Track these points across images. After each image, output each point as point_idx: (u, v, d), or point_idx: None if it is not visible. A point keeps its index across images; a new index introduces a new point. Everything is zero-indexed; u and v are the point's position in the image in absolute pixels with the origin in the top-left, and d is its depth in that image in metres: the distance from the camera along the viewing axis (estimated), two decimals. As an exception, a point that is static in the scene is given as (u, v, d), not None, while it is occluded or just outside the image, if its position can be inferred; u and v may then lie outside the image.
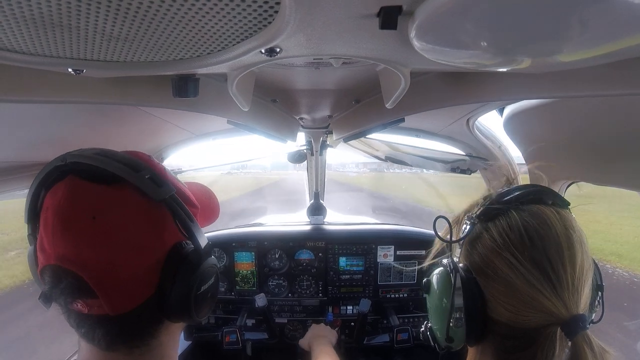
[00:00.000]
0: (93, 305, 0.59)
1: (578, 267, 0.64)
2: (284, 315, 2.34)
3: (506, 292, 0.67)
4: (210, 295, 0.71)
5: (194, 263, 0.66)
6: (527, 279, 0.64)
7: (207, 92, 1.12)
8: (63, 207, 0.59)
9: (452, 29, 0.52)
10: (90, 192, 0.61)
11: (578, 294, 0.63)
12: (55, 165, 0.63)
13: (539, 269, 0.64)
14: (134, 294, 0.61)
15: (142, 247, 0.62)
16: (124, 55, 0.68)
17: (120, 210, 0.61)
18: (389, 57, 0.75)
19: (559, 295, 0.63)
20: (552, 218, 0.68)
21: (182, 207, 0.66)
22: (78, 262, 0.57)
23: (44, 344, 4.67)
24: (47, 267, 0.60)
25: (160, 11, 0.49)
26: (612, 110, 1.01)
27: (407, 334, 2.13)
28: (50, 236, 0.59)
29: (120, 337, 0.63)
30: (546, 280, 0.63)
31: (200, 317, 0.70)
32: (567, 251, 0.65)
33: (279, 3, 0.48)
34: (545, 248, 0.65)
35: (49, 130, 1.18)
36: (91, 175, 0.61)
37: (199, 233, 0.68)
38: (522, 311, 0.65)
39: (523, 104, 1.27)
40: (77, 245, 0.58)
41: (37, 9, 0.47)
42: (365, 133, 1.65)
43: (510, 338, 0.69)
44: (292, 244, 2.33)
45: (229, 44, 0.64)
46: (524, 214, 0.69)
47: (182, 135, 2.00)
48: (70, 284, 0.58)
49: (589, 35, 0.49)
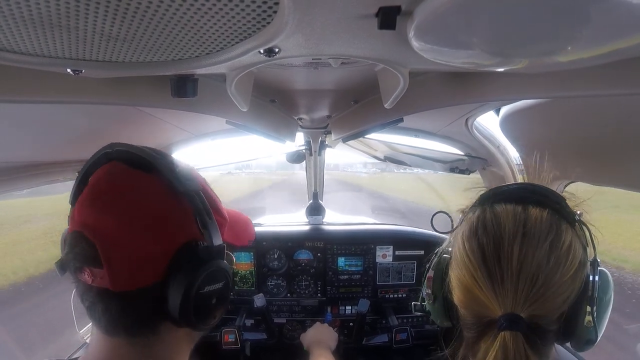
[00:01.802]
0: (97, 275, 0.60)
1: (516, 264, 0.62)
2: (282, 316, 2.33)
3: (457, 280, 0.70)
4: (215, 300, 0.69)
5: (203, 260, 0.65)
6: (470, 271, 0.66)
7: (206, 93, 1.12)
8: (98, 182, 0.65)
9: (450, 29, 0.52)
10: (125, 173, 0.65)
11: (517, 292, 0.61)
12: (104, 152, 0.67)
13: (477, 261, 0.65)
14: (138, 275, 0.62)
15: (158, 233, 0.63)
16: (122, 56, 0.68)
17: (147, 193, 0.65)
18: (387, 57, 0.75)
19: (494, 291, 0.62)
20: (508, 214, 0.67)
21: (204, 204, 0.67)
22: (95, 230, 0.60)
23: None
24: (70, 233, 0.63)
25: (159, 11, 0.49)
26: (609, 110, 1.01)
27: (406, 334, 2.13)
28: (80, 206, 0.63)
29: (119, 320, 0.63)
30: (483, 275, 0.64)
31: (201, 322, 0.67)
32: (508, 247, 0.63)
33: (278, 3, 0.49)
34: (487, 242, 0.65)
35: (47, 131, 1.18)
36: (130, 161, 0.66)
37: (214, 232, 0.67)
38: (468, 302, 0.68)
39: (519, 103, 1.27)
40: (98, 215, 0.61)
41: (35, 9, 0.47)
42: (364, 133, 1.66)
43: (468, 326, 0.71)
44: (290, 244, 2.32)
45: (228, 45, 0.64)
46: (489, 210, 0.69)
47: (181, 136, 2.00)
48: (82, 250, 0.60)
49: (587, 36, 0.49)
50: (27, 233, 7.52)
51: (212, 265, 0.66)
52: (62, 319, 1.48)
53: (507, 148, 1.83)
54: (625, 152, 1.08)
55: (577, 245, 0.65)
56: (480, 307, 0.65)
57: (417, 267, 2.33)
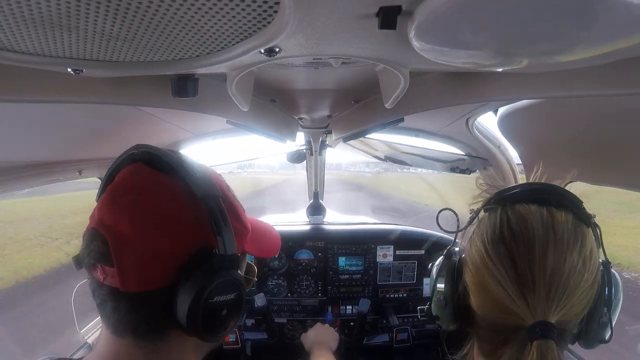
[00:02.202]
0: (108, 273, 0.60)
1: (549, 270, 0.60)
2: (283, 315, 2.33)
3: (478, 285, 0.68)
4: (226, 312, 0.66)
5: (214, 267, 0.63)
6: (496, 276, 0.63)
7: (207, 92, 1.12)
8: (121, 182, 0.66)
9: (451, 29, 0.52)
10: (145, 174, 0.66)
11: (549, 300, 0.59)
12: (130, 153, 0.69)
13: (505, 268, 0.62)
14: (148, 276, 0.61)
15: (171, 235, 0.62)
16: (123, 55, 0.68)
17: (164, 194, 0.65)
18: (388, 57, 0.75)
19: (525, 297, 0.60)
20: (534, 217, 0.64)
21: (221, 210, 0.65)
22: (110, 227, 0.60)
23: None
24: (88, 230, 0.64)
25: (160, 11, 0.49)
26: (609, 109, 1.01)
27: (407, 333, 2.13)
28: (100, 205, 0.64)
29: (127, 320, 0.63)
30: (512, 281, 0.61)
31: (209, 332, 0.65)
32: (540, 253, 0.61)
33: (278, 3, 0.49)
34: (516, 247, 0.63)
35: (49, 130, 1.18)
36: (152, 162, 0.67)
37: (229, 240, 0.65)
38: (490, 308, 0.66)
39: (517, 103, 1.27)
40: (115, 214, 0.62)
41: (36, 8, 0.47)
42: (365, 133, 1.66)
43: (488, 331, 0.69)
44: (291, 243, 2.32)
45: (228, 44, 0.64)
46: (509, 212, 0.67)
47: (181, 135, 1.99)
48: (97, 247, 0.61)
49: (587, 36, 0.49)
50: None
51: (224, 274, 0.64)
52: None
53: (508, 148, 1.83)
54: (624, 152, 1.08)
55: (595, 248, 0.65)
56: (507, 313, 0.62)
57: (418, 267, 2.33)
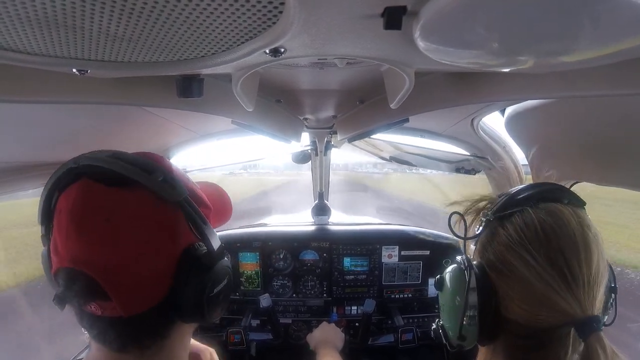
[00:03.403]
0: (107, 307, 0.59)
1: (594, 267, 0.63)
2: (288, 316, 2.33)
3: (521, 290, 0.66)
4: (222, 296, 0.71)
5: (207, 265, 0.66)
6: (543, 277, 0.63)
7: (212, 93, 1.12)
8: (76, 209, 0.59)
9: (457, 29, 0.52)
10: (103, 194, 0.61)
11: (593, 294, 0.62)
12: (68, 167, 0.62)
13: (554, 267, 0.63)
14: (147, 295, 0.62)
15: (155, 250, 0.62)
16: (128, 56, 0.68)
17: (134, 212, 0.61)
18: (393, 57, 0.74)
19: (575, 295, 0.61)
20: (568, 217, 0.67)
21: (194, 209, 0.66)
22: (91, 264, 0.57)
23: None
24: (61, 269, 0.60)
25: (165, 11, 0.49)
26: (616, 109, 1.00)
27: (412, 334, 2.12)
28: (64, 239, 0.59)
29: (132, 339, 0.64)
30: (562, 279, 0.62)
31: (212, 319, 0.70)
32: (584, 251, 0.63)
33: (283, 3, 0.48)
34: (561, 246, 0.64)
35: (53, 131, 1.19)
36: (104, 177, 0.61)
37: (211, 235, 0.68)
38: (537, 310, 0.64)
39: (524, 104, 1.26)
40: (90, 248, 0.58)
41: (41, 9, 0.48)
42: (370, 133, 1.65)
43: (523, 337, 0.68)
44: (296, 244, 2.32)
45: (234, 45, 0.64)
46: (541, 212, 0.68)
47: (186, 136, 2.00)
48: (84, 286, 0.58)
49: (593, 36, 0.48)
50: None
51: (216, 267, 0.67)
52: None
53: (513, 148, 1.82)
54: (631, 152, 1.07)
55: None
56: (555, 312, 0.63)
57: (423, 267, 2.32)
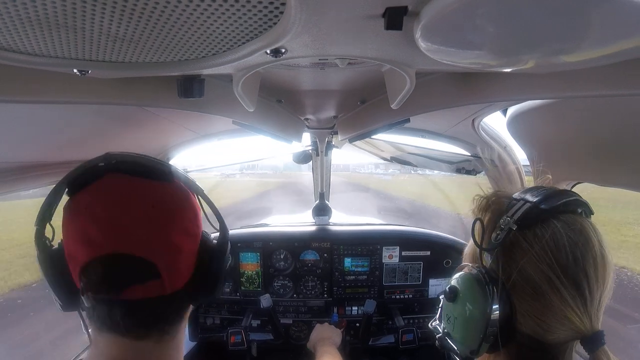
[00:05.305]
0: (151, 286, 0.63)
1: (608, 285, 0.65)
2: (289, 316, 2.34)
3: (542, 309, 0.65)
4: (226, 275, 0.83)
5: (224, 250, 0.77)
6: (565, 298, 0.63)
7: (213, 93, 1.12)
8: (119, 198, 0.64)
9: (457, 29, 0.52)
10: (144, 186, 0.67)
11: (601, 310, 0.64)
12: (92, 165, 0.67)
13: (578, 288, 0.63)
14: (184, 272, 0.69)
15: (190, 233, 0.70)
16: (129, 56, 0.68)
17: (173, 200, 0.69)
18: (394, 57, 0.74)
19: (588, 312, 0.63)
20: (590, 234, 0.66)
21: (209, 201, 0.77)
22: (143, 246, 0.62)
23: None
24: (99, 258, 0.61)
25: (166, 12, 0.49)
26: (617, 110, 1.00)
27: (412, 334, 2.12)
28: (103, 227, 0.61)
29: (159, 320, 0.67)
30: (581, 300, 0.63)
31: (218, 295, 0.78)
32: (603, 270, 0.64)
33: (285, 4, 0.48)
34: (586, 269, 0.64)
35: (55, 131, 1.19)
36: (139, 173, 0.68)
37: (223, 225, 0.80)
38: (553, 327, 0.65)
39: (526, 104, 1.26)
40: (139, 231, 0.63)
41: (42, 10, 0.48)
42: (371, 133, 1.65)
43: (530, 348, 0.68)
44: (297, 244, 2.32)
45: (235, 45, 0.64)
46: (567, 229, 0.66)
47: (187, 136, 2.00)
48: (131, 268, 0.62)
49: (595, 36, 0.48)
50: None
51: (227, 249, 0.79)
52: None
53: (514, 149, 1.82)
54: (634, 153, 1.06)
55: None
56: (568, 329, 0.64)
57: (424, 268, 2.32)
